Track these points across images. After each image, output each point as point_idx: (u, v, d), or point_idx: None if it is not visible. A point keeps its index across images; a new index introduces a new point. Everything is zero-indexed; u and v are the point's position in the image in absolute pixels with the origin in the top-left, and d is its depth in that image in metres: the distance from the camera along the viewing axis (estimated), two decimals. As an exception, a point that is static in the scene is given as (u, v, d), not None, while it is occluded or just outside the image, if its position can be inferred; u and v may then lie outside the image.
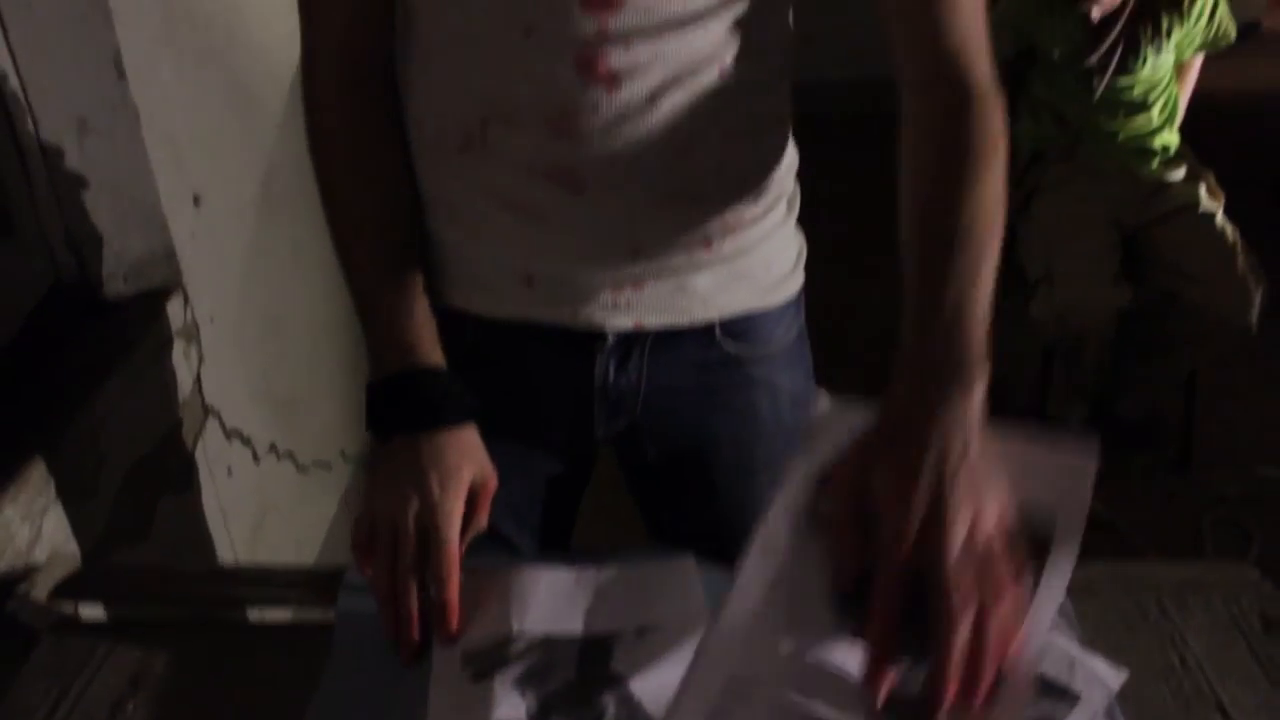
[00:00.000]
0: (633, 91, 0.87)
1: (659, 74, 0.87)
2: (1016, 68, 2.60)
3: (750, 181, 0.97)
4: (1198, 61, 2.63)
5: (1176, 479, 2.71)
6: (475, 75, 0.90)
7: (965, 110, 0.83)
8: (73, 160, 1.32)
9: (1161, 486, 2.68)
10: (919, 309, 0.77)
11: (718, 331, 1.01)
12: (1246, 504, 2.59)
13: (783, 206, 1.02)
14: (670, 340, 1.00)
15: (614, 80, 0.86)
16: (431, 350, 0.90)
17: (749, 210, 0.98)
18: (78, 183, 1.33)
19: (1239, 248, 2.46)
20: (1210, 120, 2.96)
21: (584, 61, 0.85)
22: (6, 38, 1.24)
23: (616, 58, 0.85)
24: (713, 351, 1.02)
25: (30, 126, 1.29)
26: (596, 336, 0.99)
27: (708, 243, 0.96)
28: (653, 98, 0.88)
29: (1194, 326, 2.53)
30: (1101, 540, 2.51)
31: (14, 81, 1.26)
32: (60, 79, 1.27)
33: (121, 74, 1.28)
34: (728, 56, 0.89)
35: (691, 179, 0.93)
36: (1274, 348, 2.79)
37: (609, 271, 0.95)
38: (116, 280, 1.41)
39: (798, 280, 1.06)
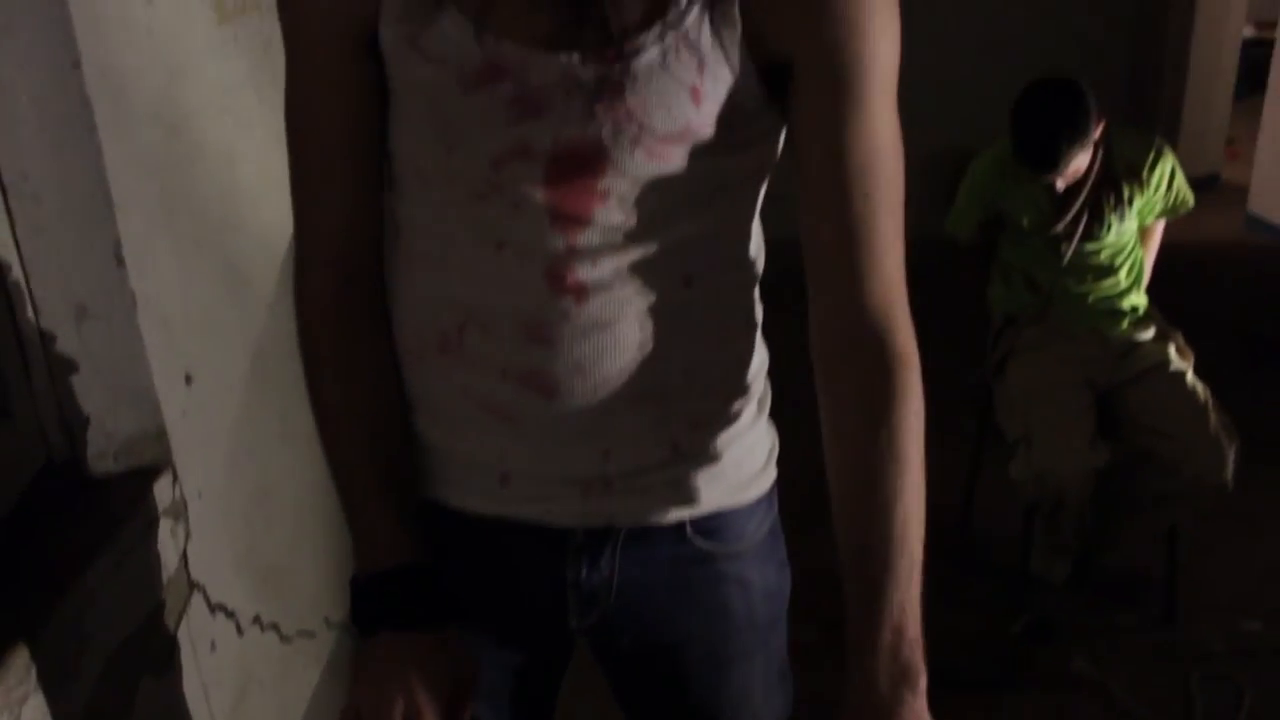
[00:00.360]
0: (601, 302, 0.91)
1: (626, 287, 0.92)
2: (987, 234, 2.71)
3: (720, 384, 1.01)
4: (1160, 226, 2.74)
5: (1163, 635, 2.71)
6: (453, 284, 0.95)
7: (889, 394, 0.90)
8: (70, 345, 1.36)
9: (1148, 643, 2.67)
10: (863, 627, 0.89)
11: (689, 529, 1.03)
12: (1234, 659, 2.59)
13: (753, 407, 1.05)
14: (642, 537, 1.02)
15: (582, 292, 0.91)
16: (415, 546, 0.93)
17: (719, 412, 1.01)
18: (73, 366, 1.37)
19: (1211, 406, 2.51)
20: (1175, 271, 3.05)
21: (554, 274, 0.90)
22: (13, 228, 1.29)
23: (585, 271, 0.90)
24: (685, 548, 1.04)
25: (30, 314, 1.33)
26: (569, 533, 1.01)
27: (677, 444, 0.99)
28: (620, 308, 0.92)
29: (1171, 484, 2.56)
30: (1091, 701, 2.50)
31: (17, 271, 1.30)
32: (62, 268, 1.31)
33: (121, 262, 1.33)
34: (694, 269, 0.94)
35: (661, 384, 0.96)
36: (1254, 499, 2.81)
37: (581, 472, 0.98)
38: (106, 459, 1.43)
39: (770, 477, 1.09)
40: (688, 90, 0.86)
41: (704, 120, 0.87)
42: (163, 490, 1.44)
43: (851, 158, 0.88)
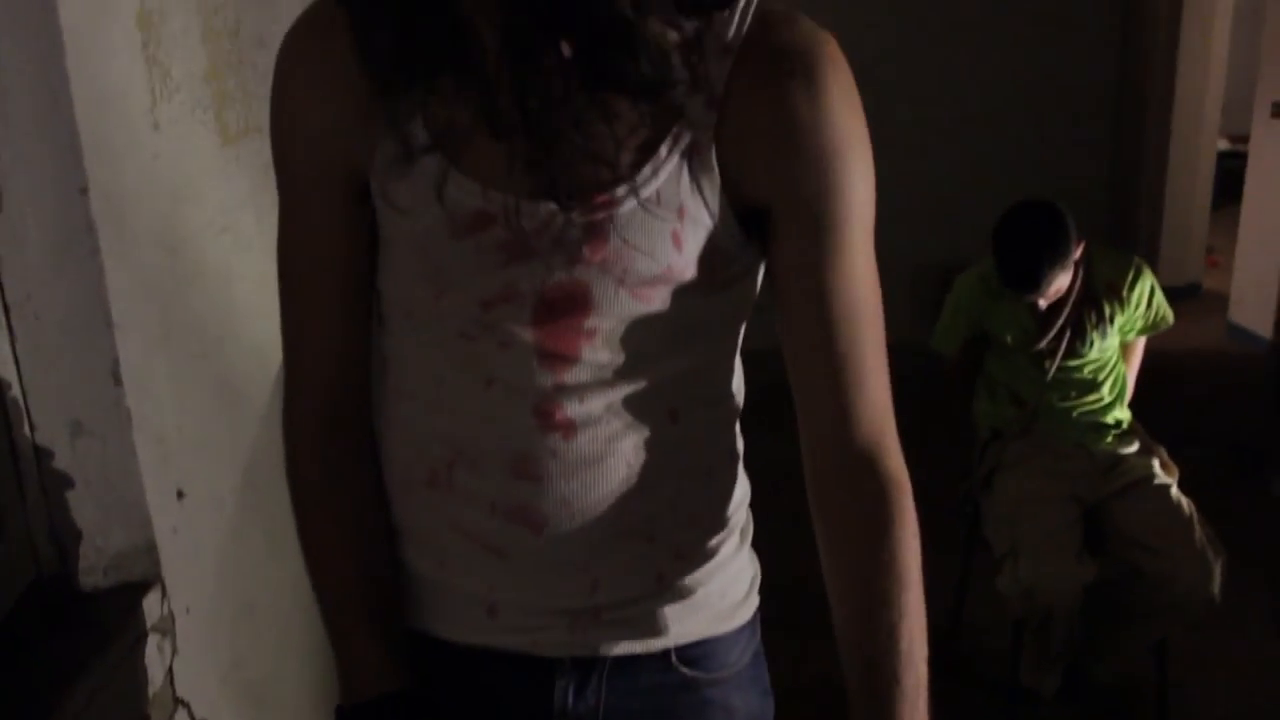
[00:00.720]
0: (588, 438, 0.94)
1: (612, 423, 0.94)
2: (972, 350, 2.75)
3: (703, 518, 1.03)
4: (1141, 342, 2.79)
5: (1155, 750, 2.69)
6: (441, 419, 0.97)
7: (886, 518, 0.93)
8: (63, 461, 1.37)
9: (1140, 759, 2.66)
10: None
11: (674, 657, 1.04)
12: (1227, 771, 2.57)
13: (735, 538, 1.07)
14: (628, 665, 1.03)
15: (570, 428, 0.93)
16: (401, 675, 0.94)
17: (702, 544, 1.03)
18: (67, 482, 1.38)
19: (1196, 520, 2.53)
20: (1158, 381, 3.09)
21: (542, 411, 0.93)
22: (13, 346, 1.31)
23: (573, 407, 0.93)
24: (670, 676, 1.05)
25: (26, 430, 1.34)
26: (557, 663, 1.02)
27: (663, 576, 1.01)
28: (607, 443, 0.94)
29: (1160, 598, 2.57)
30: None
31: (15, 389, 1.32)
32: (59, 385, 1.33)
33: (118, 381, 1.35)
34: (678, 405, 0.97)
35: (646, 518, 0.98)
36: (1243, 609, 2.82)
37: (568, 604, 0.99)
38: (96, 574, 1.43)
39: (752, 605, 1.10)
40: (669, 235, 0.89)
41: (686, 263, 0.90)
42: (151, 606, 1.44)
43: (834, 299, 0.92)
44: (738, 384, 1.04)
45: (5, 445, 1.33)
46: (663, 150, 0.87)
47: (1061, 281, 2.49)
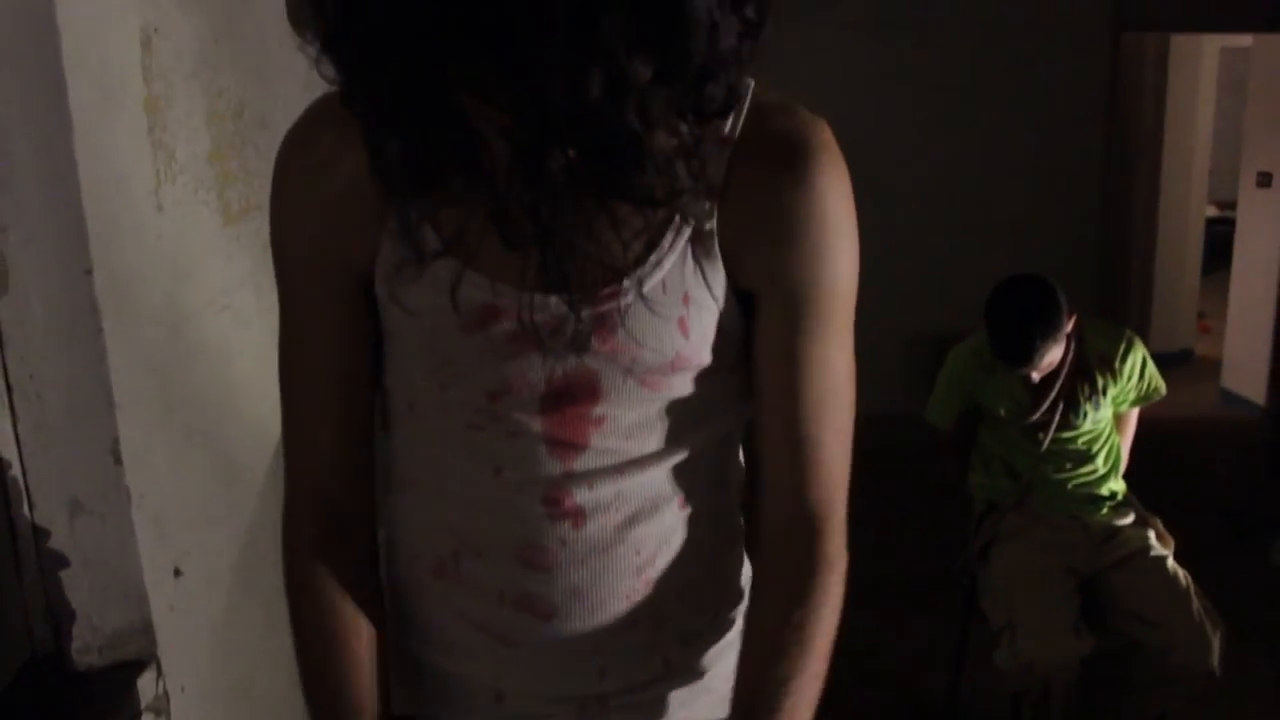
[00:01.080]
0: (598, 526, 0.94)
1: (621, 510, 0.95)
2: (966, 423, 2.76)
3: (708, 602, 1.04)
4: (1134, 413, 2.81)
5: (1157, 826, 2.65)
6: (448, 509, 0.97)
7: (810, 589, 0.96)
8: (62, 540, 1.37)
9: (1142, 834, 2.62)
10: None
11: None
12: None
13: (739, 621, 1.07)
14: None
15: (580, 516, 0.94)
16: None
17: (708, 629, 1.04)
18: (64, 561, 1.38)
19: (1193, 592, 2.53)
20: (1152, 448, 3.10)
21: (551, 499, 0.93)
22: (15, 426, 1.32)
23: (581, 495, 0.93)
24: None
25: (25, 509, 1.34)
26: None
27: (669, 661, 1.02)
28: (617, 530, 0.95)
29: (1158, 670, 2.55)
30: None
31: (16, 468, 1.32)
32: (59, 464, 1.33)
33: (118, 460, 1.35)
34: (685, 491, 0.98)
35: (654, 604, 0.99)
36: (1242, 679, 2.80)
37: (576, 689, 0.99)
38: (91, 653, 1.42)
39: None
40: (675, 323, 0.90)
41: (693, 349, 0.91)
42: (146, 685, 1.43)
43: (807, 383, 0.94)
44: (739, 469, 1.05)
45: (4, 524, 1.33)
46: (665, 242, 0.89)
47: (1054, 355, 2.51)
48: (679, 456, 0.96)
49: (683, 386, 0.93)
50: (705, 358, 0.93)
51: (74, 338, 1.29)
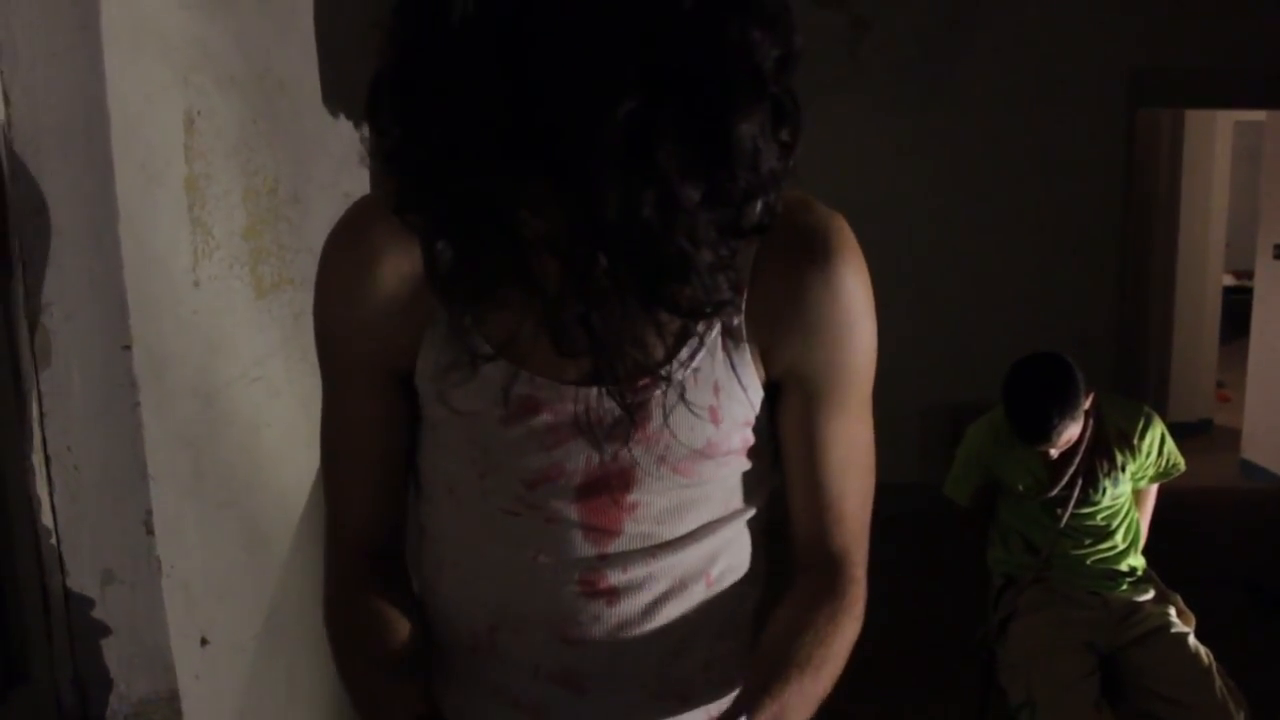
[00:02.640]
0: (631, 604, 0.97)
1: (653, 588, 0.98)
2: (984, 497, 2.77)
3: (735, 678, 1.05)
4: (1153, 489, 2.80)
5: None
6: (484, 587, 1.00)
7: (838, 595, 1.01)
8: (93, 608, 1.39)
9: None
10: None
11: None
12: None
13: None
14: None
15: (613, 595, 0.97)
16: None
17: (732, 703, 1.05)
18: (95, 629, 1.40)
19: (1215, 670, 2.51)
20: (1172, 519, 3.09)
21: (585, 580, 0.96)
22: (51, 497, 1.35)
23: (615, 576, 0.97)
24: None
25: (59, 579, 1.37)
26: None
27: None
28: (648, 609, 0.98)
29: (1180, 749, 2.53)
30: None
31: (51, 539, 1.35)
32: (93, 535, 1.36)
33: (150, 530, 1.38)
34: (714, 570, 1.01)
35: (683, 679, 1.02)
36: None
37: None
38: (118, 720, 1.44)
39: None
40: (707, 411, 0.94)
41: (723, 436, 0.96)
42: (170, 754, 1.44)
43: (831, 454, 1.01)
44: (762, 556, 1.08)
45: (38, 592, 1.35)
46: (697, 336, 0.94)
47: (1072, 432, 2.52)
48: (709, 536, 1.00)
49: (713, 472, 0.97)
50: (734, 444, 0.97)
51: (111, 411, 1.32)
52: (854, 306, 0.96)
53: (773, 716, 0.88)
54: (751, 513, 1.05)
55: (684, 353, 0.93)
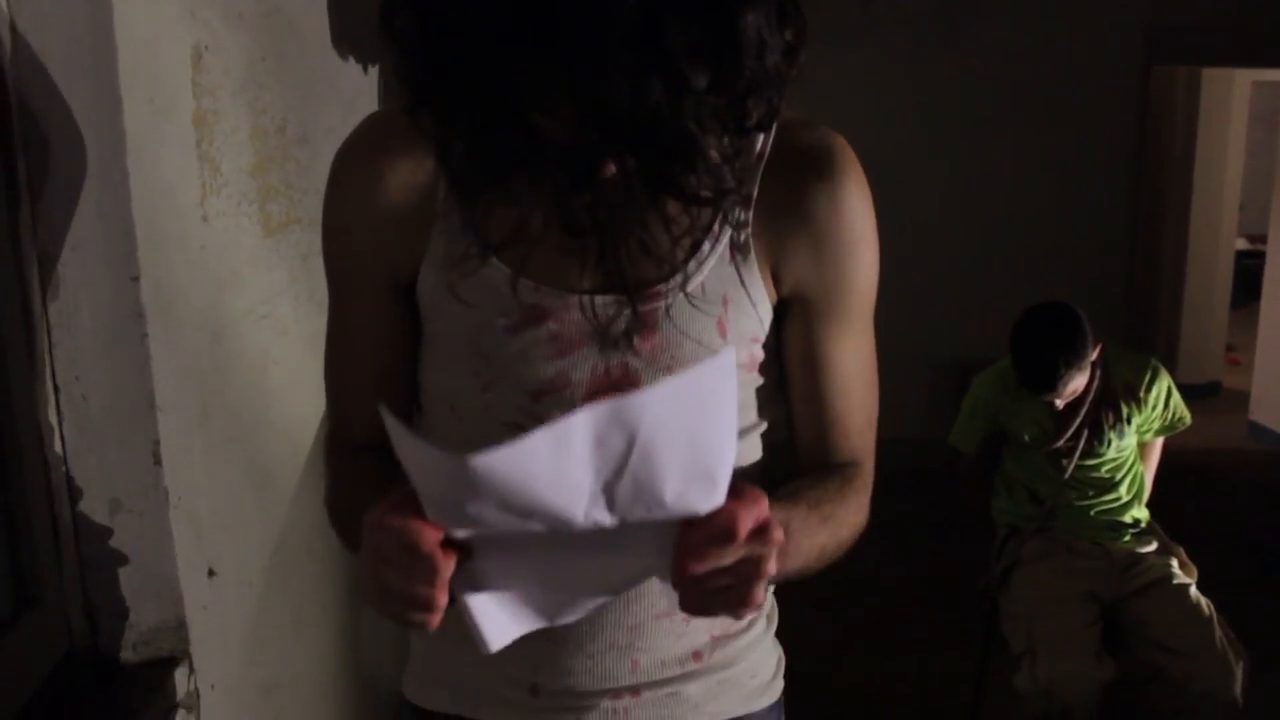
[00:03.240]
0: None
1: None
2: (990, 448, 2.78)
3: None
4: (1159, 442, 2.82)
5: None
6: None
7: (853, 475, 1.07)
8: (102, 537, 1.41)
9: None
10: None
11: None
12: None
13: (763, 621, 1.13)
14: None
15: None
16: None
17: (735, 625, 1.08)
18: (103, 558, 1.42)
19: (1216, 621, 2.53)
20: (1179, 480, 3.10)
21: None
22: (60, 426, 1.36)
23: None
24: None
25: (68, 507, 1.39)
26: None
27: (699, 654, 1.06)
28: None
29: (1180, 700, 2.55)
30: None
31: (61, 468, 1.37)
32: (101, 464, 1.38)
33: (158, 460, 1.39)
34: None
35: None
36: (1266, 712, 2.78)
37: (610, 683, 1.04)
38: (127, 649, 1.46)
39: (778, 687, 1.15)
40: (714, 323, 0.96)
41: (729, 349, 0.96)
42: (179, 681, 1.47)
43: (834, 372, 1.04)
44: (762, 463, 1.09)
45: (47, 520, 1.38)
46: (706, 246, 0.96)
47: (1078, 382, 2.53)
48: None
49: None
50: (741, 358, 0.99)
51: (119, 342, 1.34)
52: (858, 222, 1.00)
53: (781, 522, 0.88)
54: (764, 426, 1.06)
55: (692, 263, 0.95)
